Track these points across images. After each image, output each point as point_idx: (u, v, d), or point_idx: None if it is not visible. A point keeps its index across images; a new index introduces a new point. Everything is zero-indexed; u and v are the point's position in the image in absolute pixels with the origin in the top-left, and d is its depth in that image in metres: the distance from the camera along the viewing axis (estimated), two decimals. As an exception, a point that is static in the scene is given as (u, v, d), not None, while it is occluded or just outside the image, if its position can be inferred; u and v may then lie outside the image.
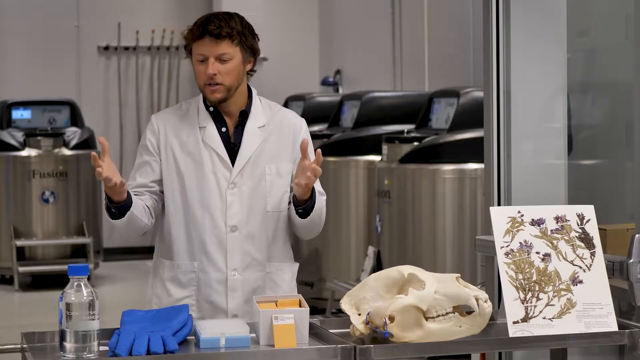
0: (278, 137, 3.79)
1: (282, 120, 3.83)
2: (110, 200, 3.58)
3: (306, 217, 3.70)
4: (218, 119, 3.77)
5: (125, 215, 3.61)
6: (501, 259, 3.25)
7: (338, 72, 12.27)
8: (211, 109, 3.78)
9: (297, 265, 3.89)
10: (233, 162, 3.73)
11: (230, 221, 3.72)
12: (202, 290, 3.74)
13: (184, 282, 3.75)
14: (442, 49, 9.94)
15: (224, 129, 3.77)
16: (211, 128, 3.76)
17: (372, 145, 8.49)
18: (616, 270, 3.58)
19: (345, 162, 8.65)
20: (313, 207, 3.68)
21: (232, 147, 3.75)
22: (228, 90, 3.71)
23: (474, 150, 7.24)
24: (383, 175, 7.72)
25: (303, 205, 3.67)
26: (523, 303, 3.20)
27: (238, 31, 3.70)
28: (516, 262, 3.25)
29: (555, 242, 3.29)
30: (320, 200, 3.73)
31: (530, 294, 3.21)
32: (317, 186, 3.78)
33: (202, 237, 3.73)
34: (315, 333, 3.23)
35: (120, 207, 3.60)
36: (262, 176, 3.73)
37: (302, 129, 3.83)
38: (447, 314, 3.14)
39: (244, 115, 3.78)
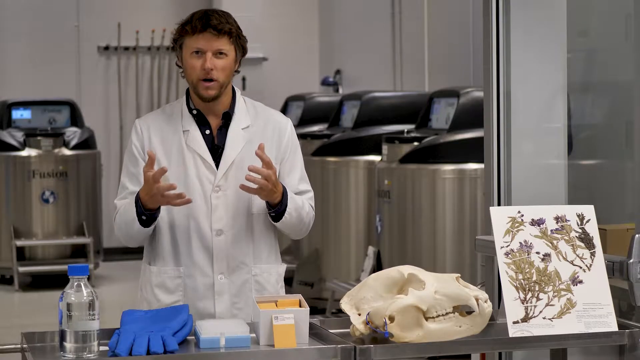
0: (262, 138, 3.75)
1: (267, 120, 3.80)
2: (143, 208, 3.60)
3: (278, 221, 3.70)
4: (201, 121, 3.75)
5: (152, 224, 3.66)
6: (501, 259, 3.25)
7: (338, 72, 12.27)
8: (194, 111, 3.76)
9: (283, 266, 3.86)
10: (217, 165, 3.72)
11: (215, 225, 3.70)
12: (190, 296, 3.72)
13: (172, 288, 3.73)
14: (442, 49, 9.94)
15: (207, 132, 3.75)
16: (195, 131, 3.74)
17: (372, 145, 8.49)
18: (616, 270, 3.58)
19: (345, 162, 8.65)
20: (284, 210, 3.67)
21: (216, 150, 3.73)
22: (221, 87, 3.69)
23: (474, 150, 7.24)
24: (383, 175, 7.72)
25: (274, 208, 3.67)
26: (523, 303, 3.20)
27: (235, 29, 3.71)
28: (516, 262, 3.25)
29: (555, 242, 3.29)
30: (295, 201, 3.71)
31: (530, 294, 3.22)
32: (300, 184, 3.78)
33: (187, 242, 3.71)
34: (315, 333, 3.23)
35: (152, 215, 3.63)
36: (246, 178, 3.69)
37: (287, 129, 3.81)
38: (447, 314, 3.14)
39: (227, 117, 3.76)
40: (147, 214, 3.62)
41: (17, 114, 10.99)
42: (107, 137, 12.61)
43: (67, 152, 10.71)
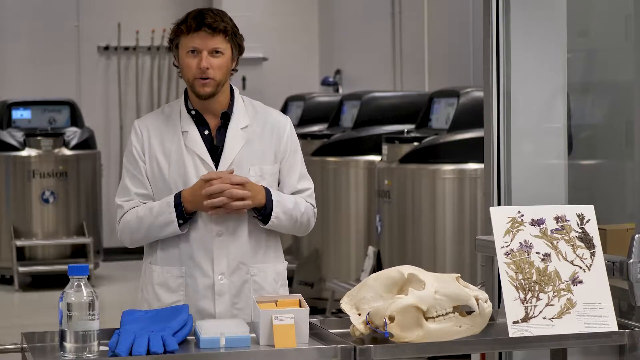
0: (261, 137, 3.77)
1: (266, 120, 3.81)
2: (184, 212, 3.65)
3: (266, 224, 3.71)
4: (200, 121, 3.76)
5: (186, 227, 3.70)
6: (501, 259, 3.25)
7: (338, 72, 12.27)
8: (193, 112, 3.76)
9: (283, 264, 3.87)
10: (217, 165, 3.72)
11: (215, 225, 3.71)
12: (190, 295, 3.72)
13: (173, 287, 3.74)
14: (442, 49, 9.94)
15: (206, 132, 3.75)
16: (193, 132, 3.74)
17: (372, 145, 8.49)
18: (616, 270, 3.58)
19: (345, 162, 8.65)
20: (270, 214, 3.68)
21: (215, 150, 3.74)
22: (217, 85, 3.70)
23: (474, 150, 7.24)
24: (383, 175, 7.72)
25: (260, 211, 3.69)
26: (523, 303, 3.20)
27: (231, 27, 3.71)
28: (516, 262, 3.25)
29: (555, 242, 3.29)
30: (284, 204, 3.71)
31: (530, 294, 3.21)
32: (299, 183, 3.79)
33: (188, 242, 3.72)
34: (315, 333, 3.23)
35: (190, 218, 3.69)
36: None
37: (286, 129, 3.81)
38: (447, 314, 3.14)
39: (226, 117, 3.76)
40: (186, 218, 3.67)
41: (17, 114, 10.99)
42: (107, 137, 12.61)
43: (67, 152, 10.71)
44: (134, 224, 3.72)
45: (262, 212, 3.69)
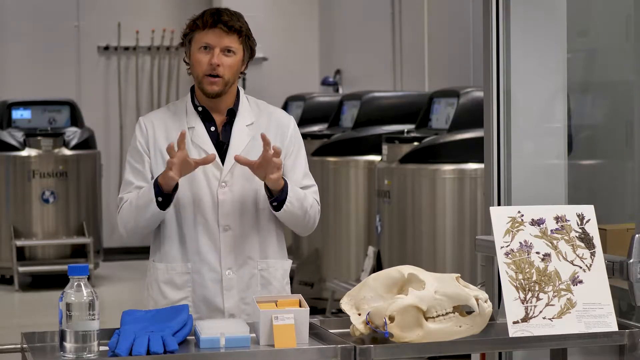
0: (266, 134, 3.77)
1: (270, 118, 3.83)
2: (161, 192, 3.61)
3: (280, 210, 3.69)
4: (206, 118, 3.77)
5: (167, 208, 3.65)
6: (501, 259, 3.25)
7: (338, 72, 12.27)
8: (200, 108, 3.77)
9: (289, 262, 3.89)
10: (223, 161, 3.73)
11: (222, 220, 3.72)
12: (198, 291, 3.73)
13: (179, 284, 3.75)
14: (442, 49, 9.94)
15: (212, 128, 3.77)
16: (200, 128, 3.75)
17: (372, 145, 8.49)
18: (616, 270, 3.58)
19: (345, 162, 8.65)
20: (285, 199, 3.67)
21: (221, 146, 3.75)
22: (225, 85, 3.71)
23: (474, 150, 7.24)
24: (383, 175, 7.72)
25: (274, 196, 3.67)
26: (523, 303, 3.21)
27: (246, 29, 3.73)
28: (516, 262, 3.25)
29: (555, 242, 3.29)
30: (297, 192, 3.70)
31: (530, 294, 3.22)
32: (304, 179, 3.79)
33: (195, 237, 3.72)
34: (315, 333, 3.23)
35: (170, 196, 3.63)
36: (252, 174, 3.70)
37: (290, 127, 3.83)
38: (447, 314, 3.14)
39: (231, 114, 3.78)
40: (164, 195, 3.61)
41: (17, 114, 10.99)
42: (107, 137, 12.61)
43: (67, 152, 10.71)
44: (125, 211, 3.72)
45: (278, 197, 3.67)
